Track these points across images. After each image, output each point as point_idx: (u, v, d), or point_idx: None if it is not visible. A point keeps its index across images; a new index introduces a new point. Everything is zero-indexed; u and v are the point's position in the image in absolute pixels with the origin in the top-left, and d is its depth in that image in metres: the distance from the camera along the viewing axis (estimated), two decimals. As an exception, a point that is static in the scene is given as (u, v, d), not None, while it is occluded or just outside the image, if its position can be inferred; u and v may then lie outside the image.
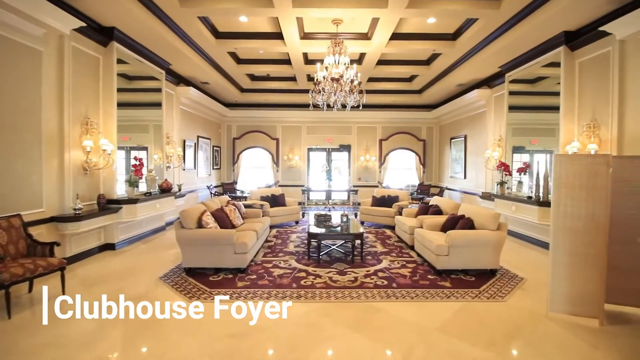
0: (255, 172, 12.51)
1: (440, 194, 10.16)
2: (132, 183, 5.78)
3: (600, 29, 4.79)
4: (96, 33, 5.36)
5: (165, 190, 7.05)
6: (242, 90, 10.88)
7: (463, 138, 9.78)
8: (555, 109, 5.92)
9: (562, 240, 3.25)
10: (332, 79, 5.93)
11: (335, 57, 5.95)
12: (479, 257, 4.41)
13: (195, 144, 9.61)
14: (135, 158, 6.00)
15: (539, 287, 4.07)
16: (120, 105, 5.80)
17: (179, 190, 8.08)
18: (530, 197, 6.12)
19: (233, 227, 5.28)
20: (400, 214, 7.15)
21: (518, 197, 6.48)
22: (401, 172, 12.36)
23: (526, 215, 6.10)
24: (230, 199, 6.28)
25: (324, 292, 3.86)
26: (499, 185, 7.08)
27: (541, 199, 5.80)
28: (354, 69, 6.06)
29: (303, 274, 4.46)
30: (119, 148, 6.64)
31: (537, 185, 5.91)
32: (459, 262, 4.39)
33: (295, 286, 4.04)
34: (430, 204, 6.54)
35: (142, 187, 6.46)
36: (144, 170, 6.54)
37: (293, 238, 6.63)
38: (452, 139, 10.64)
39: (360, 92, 6.27)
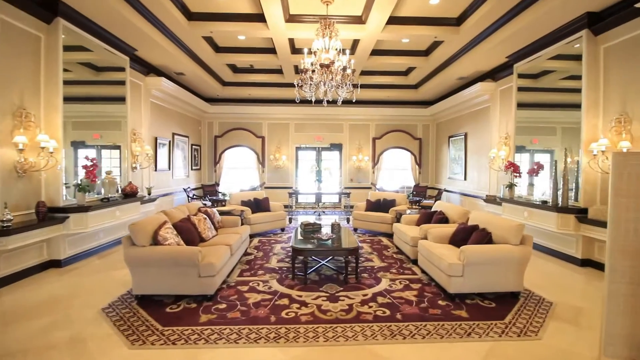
0: (239, 173, 11.59)
1: (439, 196, 9.44)
2: (83, 188, 4.83)
3: (637, 5, 4.07)
4: (36, 6, 4.40)
5: (130, 194, 6.11)
6: (224, 83, 9.95)
7: (463, 136, 9.07)
8: (559, 105, 5.23)
9: (623, 264, 2.48)
10: (322, 65, 5.10)
11: (325, 40, 5.12)
12: (499, 277, 3.63)
13: (170, 142, 8.64)
14: (86, 158, 5.04)
15: (574, 316, 3.32)
16: (89, 99, 5.09)
17: (149, 194, 7.14)
18: (545, 202, 5.40)
19: (202, 240, 4.39)
20: (399, 220, 6.36)
21: (531, 201, 5.75)
22: (396, 172, 11.61)
23: (542, 222, 5.38)
24: (202, 206, 5.37)
25: (310, 329, 3.01)
26: (507, 188, 6.36)
27: (560, 204, 5.08)
28: (347, 55, 5.23)
29: (285, 301, 3.61)
30: (88, 147, 5.79)
31: (555, 188, 5.18)
32: (476, 284, 3.60)
33: (274, 320, 3.18)
34: (433, 209, 5.76)
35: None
36: (103, 172, 5.60)
37: (277, 249, 5.76)
38: (450, 137, 9.93)
39: (355, 85, 5.48)
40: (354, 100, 5.52)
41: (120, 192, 6.12)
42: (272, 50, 7.68)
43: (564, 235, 5.23)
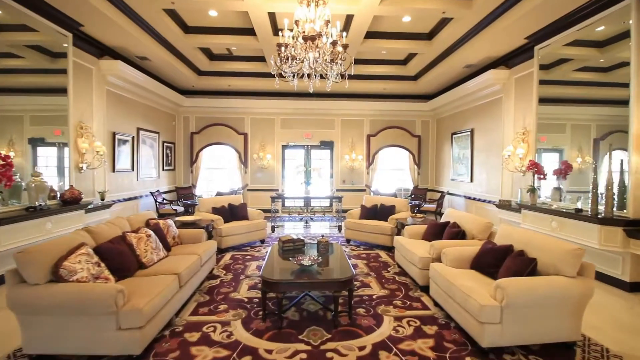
0: (218, 174, 10.42)
1: (441, 200, 8.42)
2: (-11, 195, 3.65)
3: None
4: None
5: (70, 201, 4.94)
6: (200, 73, 8.79)
7: (469, 133, 8.07)
8: (570, 100, 4.40)
9: None
10: (306, 38, 4.01)
11: (311, 7, 4.04)
12: (550, 323, 2.59)
13: (133, 138, 7.45)
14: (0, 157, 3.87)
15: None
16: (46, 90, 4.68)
17: (102, 199, 5.95)
18: (580, 211, 4.40)
19: (142, 267, 3.26)
20: (400, 232, 5.32)
21: (560, 209, 4.74)
22: (392, 173, 10.57)
23: (577, 235, 4.37)
24: (152, 217, 4.22)
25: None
26: (528, 193, 5.35)
27: (602, 214, 4.08)
28: (337, 27, 4.16)
29: (248, 360, 2.51)
30: (49, 144, 5.11)
31: (595, 194, 4.18)
32: (520, 334, 2.55)
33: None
34: (444, 219, 4.71)
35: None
36: (28, 175, 4.42)
37: (251, 269, 4.65)
38: (453, 134, 8.93)
39: (347, 75, 4.43)
40: (346, 86, 4.46)
41: (58, 198, 4.96)
42: (250, 31, 6.57)
43: (607, 252, 4.22)
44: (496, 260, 3.09)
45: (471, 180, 7.98)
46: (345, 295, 3.21)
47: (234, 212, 6.13)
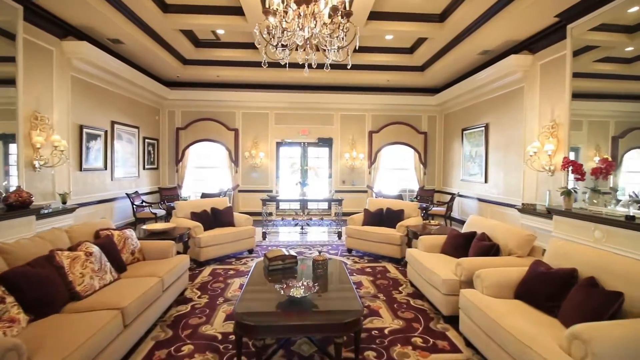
0: (207, 174, 9.57)
1: (451, 202, 7.61)
2: None
3: None
4: None
5: (17, 205, 4.09)
6: (185, 61, 7.95)
7: (483, 128, 7.26)
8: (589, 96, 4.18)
9: None
10: (298, 2, 3.18)
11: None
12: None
13: (106, 132, 6.60)
14: None
15: None
16: None
17: (64, 202, 5.11)
18: (632, 218, 3.60)
19: (75, 297, 2.42)
20: (411, 242, 4.51)
21: (604, 215, 3.94)
22: (396, 173, 9.76)
23: (627, 247, 3.57)
24: (104, 228, 3.38)
25: None
26: (563, 196, 4.55)
27: (667, 224, 3.28)
28: (339, -8, 3.35)
29: None
30: None
31: (657, 198, 3.38)
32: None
33: None
34: (467, 229, 3.90)
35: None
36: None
37: (233, 290, 3.82)
38: (464, 130, 8.12)
39: (349, 57, 3.64)
40: (348, 66, 3.63)
41: (1, 202, 4.11)
42: (238, 11, 5.74)
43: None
44: (555, 290, 2.27)
45: (485, 181, 7.18)
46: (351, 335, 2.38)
47: (217, 218, 5.29)
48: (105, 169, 6.60)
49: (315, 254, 3.01)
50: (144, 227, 4.11)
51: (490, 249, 3.18)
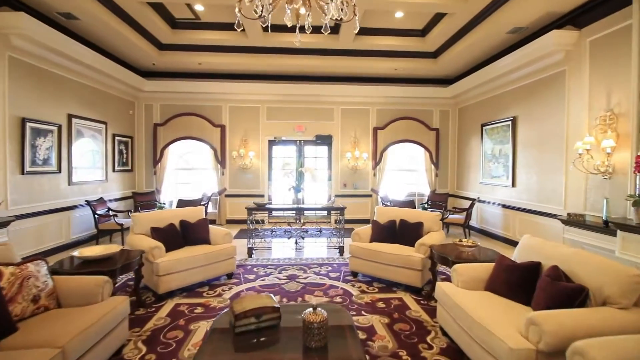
0: (190, 176, 8.47)
1: (471, 209, 6.53)
2: None
3: None
4: None
5: None
6: (161, 46, 6.84)
7: (509, 122, 6.18)
8: None
9: None
10: None
11: None
12: None
13: (60, 128, 5.49)
14: None
15: None
16: None
17: (-9, 215, 4.00)
18: None
19: None
20: (435, 267, 3.44)
21: None
22: (404, 175, 8.67)
23: None
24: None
25: None
26: (635, 207, 3.46)
27: None
28: None
29: None
30: None
31: None
32: None
33: None
34: (523, 256, 2.78)
35: None
36: None
37: (193, 343, 2.71)
38: (485, 125, 7.04)
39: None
40: (356, 30, 2.55)
41: None
42: (216, -24, 4.65)
43: None
44: None
45: (513, 184, 6.09)
46: None
47: (188, 234, 4.19)
48: (60, 171, 5.48)
49: (312, 276, 1.91)
50: (75, 253, 3.00)
51: (575, 294, 2.07)
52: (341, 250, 5.26)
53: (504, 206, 6.32)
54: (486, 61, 6.72)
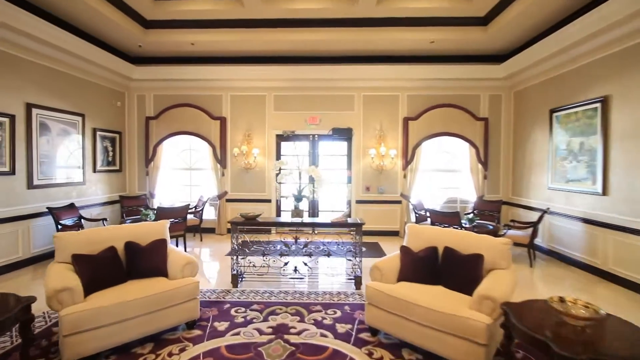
0: (187, 177, 7.36)
1: (538, 223, 4.82)
2: None
3: None
4: None
5: None
6: (146, 24, 5.73)
7: (597, 105, 4.42)
8: None
9: None
10: None
11: None
12: None
13: (13, 119, 4.49)
14: None
15: None
16: None
17: None
18: None
19: None
20: (510, 337, 1.94)
21: None
22: (442, 177, 7.04)
23: None
24: None
25: None
26: None
27: None
28: None
29: None
30: None
31: None
32: None
33: None
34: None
35: None
36: None
37: None
38: (555, 111, 5.29)
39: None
40: None
41: None
42: None
43: None
44: None
45: (603, 192, 4.33)
46: None
47: (135, 262, 2.96)
48: (13, 172, 4.49)
49: (310, 329, 1.23)
50: None
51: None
52: (357, 282, 3.82)
53: (588, 221, 4.57)
54: (554, 26, 4.98)
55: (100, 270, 2.75)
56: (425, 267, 2.84)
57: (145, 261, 2.99)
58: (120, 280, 2.84)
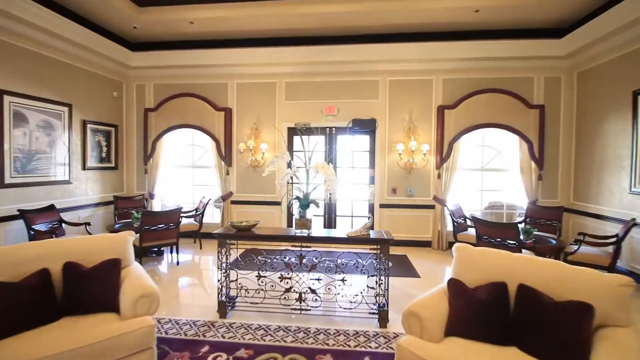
0: (189, 176, 6.63)
1: (624, 237, 3.66)
2: None
3: None
4: None
5: None
6: (140, 1, 5.00)
7: None
8: None
9: None
10: None
11: None
12: None
13: (-22, 107, 3.87)
14: None
15: None
16: None
17: None
18: None
19: None
20: None
21: None
22: (485, 177, 5.90)
23: None
24: None
25: None
26: None
27: None
28: None
29: None
30: None
31: None
32: None
33: None
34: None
35: None
36: None
37: None
38: (638, 93, 4.07)
39: None
40: None
41: None
42: None
43: None
44: None
45: None
46: None
47: (74, 291, 2.16)
48: (-23, 169, 3.88)
49: None
50: None
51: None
52: (382, 318, 2.85)
53: (698, 238, 3.36)
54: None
55: (20, 305, 1.96)
56: (491, 315, 1.84)
57: (88, 290, 2.18)
58: (50, 319, 2.04)
